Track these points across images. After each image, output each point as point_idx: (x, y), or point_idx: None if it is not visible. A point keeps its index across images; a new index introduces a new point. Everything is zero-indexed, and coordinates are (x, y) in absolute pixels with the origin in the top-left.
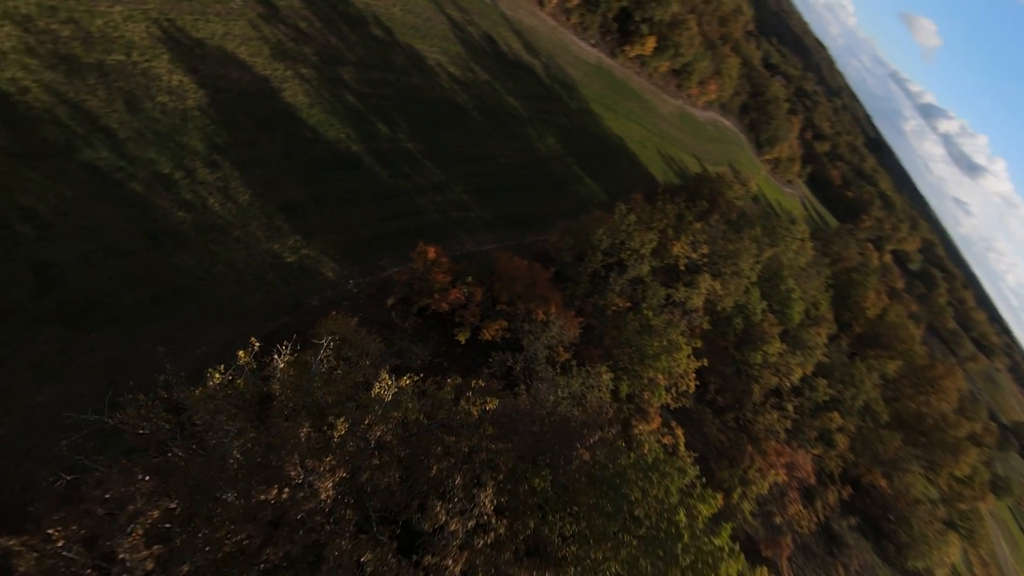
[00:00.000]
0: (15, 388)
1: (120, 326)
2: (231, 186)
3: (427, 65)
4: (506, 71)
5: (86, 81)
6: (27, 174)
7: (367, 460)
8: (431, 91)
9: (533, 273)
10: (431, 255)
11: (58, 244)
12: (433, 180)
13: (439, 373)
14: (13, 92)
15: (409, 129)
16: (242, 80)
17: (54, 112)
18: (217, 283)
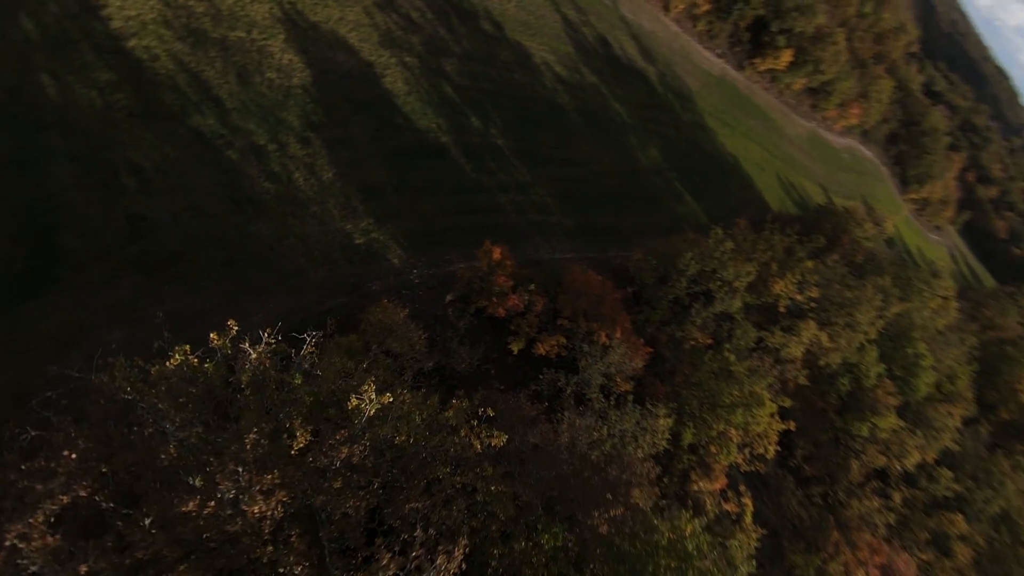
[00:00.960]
0: (90, 325)
1: (191, 283)
2: (317, 163)
3: (532, 63)
4: (616, 75)
5: (208, 53)
6: (142, 133)
7: (327, 482)
8: (531, 89)
9: (603, 291)
10: (496, 255)
11: (154, 199)
12: (518, 179)
13: (481, 381)
14: (145, 59)
15: (502, 125)
16: (347, 63)
17: (175, 79)
18: (286, 255)
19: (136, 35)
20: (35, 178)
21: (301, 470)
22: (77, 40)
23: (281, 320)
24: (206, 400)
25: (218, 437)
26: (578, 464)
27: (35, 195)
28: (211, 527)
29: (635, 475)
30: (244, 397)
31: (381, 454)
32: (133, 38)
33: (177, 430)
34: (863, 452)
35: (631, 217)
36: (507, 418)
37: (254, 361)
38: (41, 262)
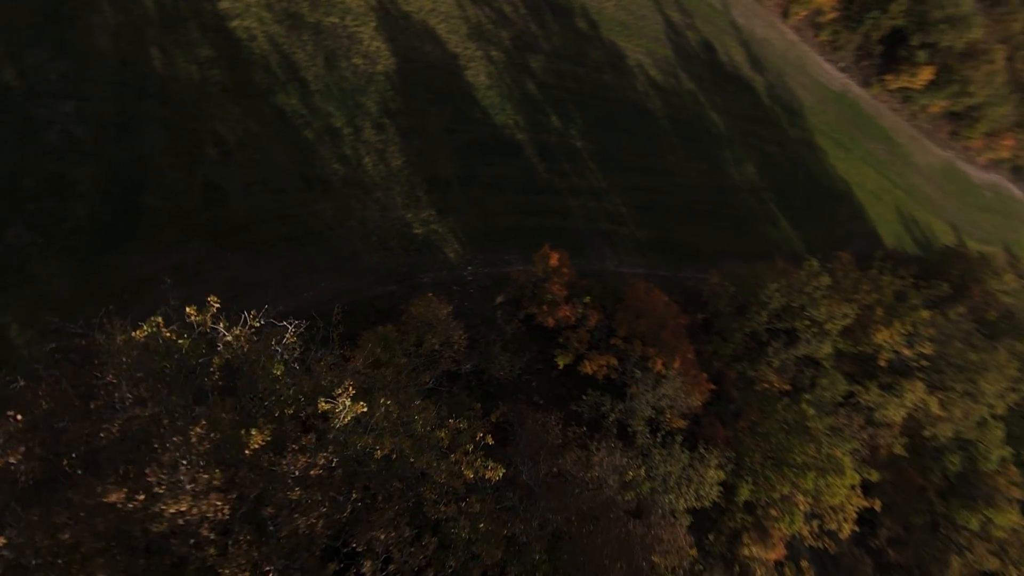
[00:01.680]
0: (155, 283)
1: (251, 253)
2: (389, 150)
3: (625, 64)
4: (717, 83)
5: (301, 36)
6: (230, 107)
7: (283, 491)
8: (620, 91)
9: (668, 313)
10: (553, 261)
11: (231, 170)
12: (592, 184)
13: (521, 391)
14: (244, 38)
15: (583, 127)
16: (432, 54)
17: (268, 59)
18: (344, 236)
19: (239, 16)
20: (131, 141)
21: (255, 472)
22: (187, 18)
23: (331, 300)
24: (177, 380)
25: (176, 422)
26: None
27: (128, 156)
28: (135, 523)
29: (660, 541)
30: (211, 381)
31: (359, 467)
32: (236, 19)
33: (130, 407)
34: (969, 549)
35: (714, 237)
36: (529, 441)
37: (232, 343)
38: (125, 218)
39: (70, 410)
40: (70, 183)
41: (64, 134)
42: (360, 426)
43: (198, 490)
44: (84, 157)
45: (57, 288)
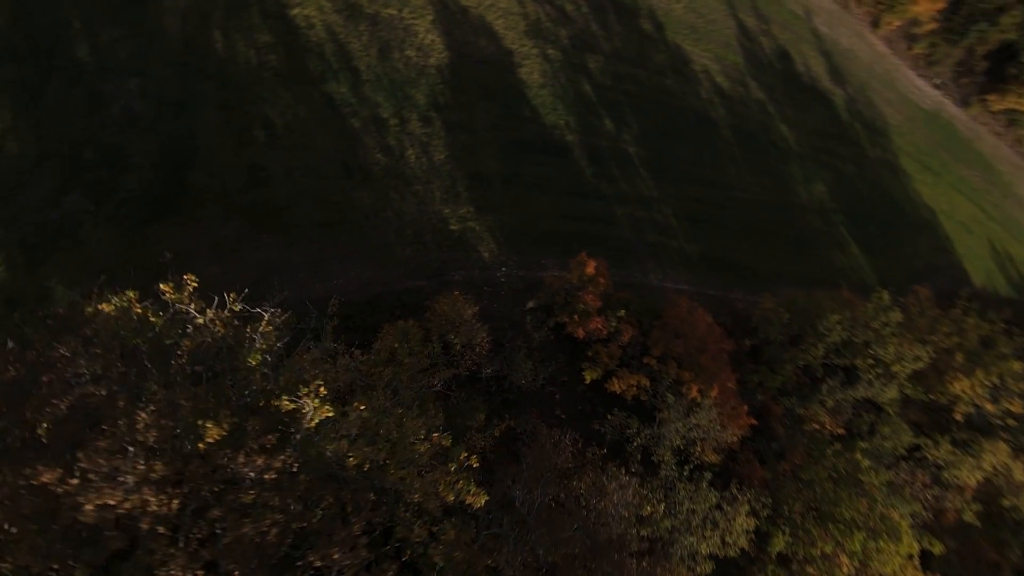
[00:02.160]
0: (193, 257)
1: (286, 236)
2: (433, 143)
3: (689, 69)
4: (791, 95)
5: (357, 27)
6: (282, 92)
7: (236, 494)
8: (682, 97)
9: (710, 336)
10: (589, 269)
11: (276, 153)
12: (642, 192)
13: (542, 402)
14: (303, 26)
15: (638, 132)
16: (486, 49)
17: (323, 47)
18: (379, 227)
19: (300, 4)
20: (186, 119)
21: (208, 469)
22: (251, 4)
23: (359, 289)
24: (151, 360)
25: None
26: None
27: (181, 133)
28: (64, 510)
29: None
30: (178, 364)
31: (330, 474)
32: (297, 7)
33: (84, 384)
34: None
35: (772, 258)
36: (535, 461)
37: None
38: (171, 192)
39: (34, 381)
40: (126, 156)
41: (126, 109)
42: (332, 430)
43: (135, 482)
44: (141, 132)
45: (103, 254)
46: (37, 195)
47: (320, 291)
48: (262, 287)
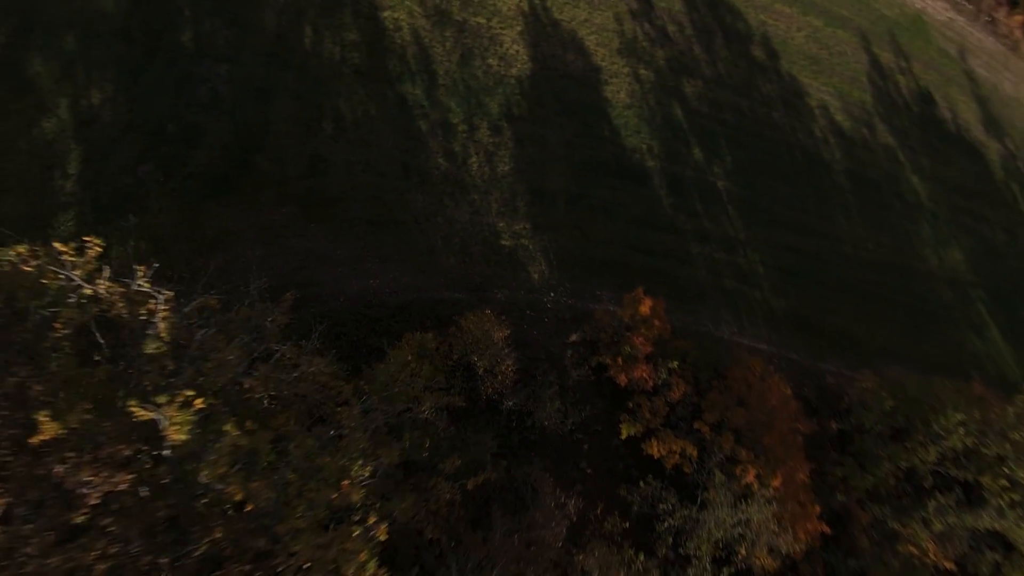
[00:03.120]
0: (242, 237)
1: (333, 228)
2: (499, 153)
3: (804, 103)
4: (929, 143)
5: (443, 32)
6: (357, 88)
7: (57, 509)
8: (790, 133)
9: (783, 410)
10: (644, 308)
11: (340, 146)
12: (727, 232)
13: (567, 451)
14: (390, 28)
15: (731, 166)
16: (573, 64)
17: (406, 49)
18: (427, 231)
19: (391, 7)
20: (263, 104)
21: (33, 472)
22: (345, 5)
23: (395, 292)
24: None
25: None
26: None
27: (256, 118)
28: None
29: None
30: (53, 339)
31: (203, 506)
32: (388, 10)
33: None
34: None
35: (881, 329)
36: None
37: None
38: (235, 172)
39: None
40: (202, 133)
41: (212, 91)
42: (205, 453)
43: None
44: (221, 114)
45: (161, 222)
46: (118, 161)
47: (355, 287)
48: (299, 274)
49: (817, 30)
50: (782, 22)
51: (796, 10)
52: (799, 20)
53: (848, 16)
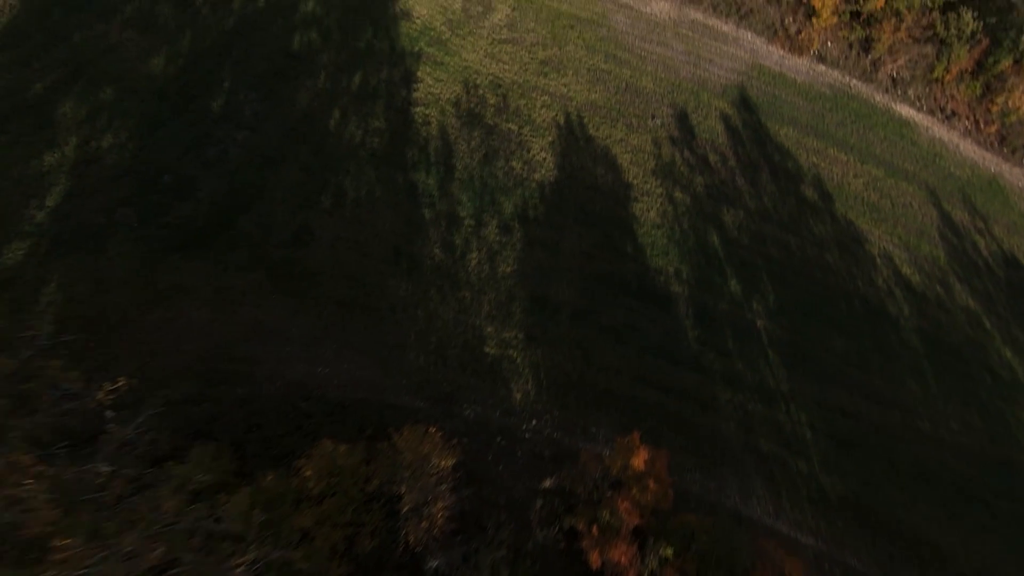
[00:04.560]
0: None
1: (298, 304)
2: (503, 253)
3: (862, 250)
4: (1022, 313)
5: (471, 132)
6: (368, 170)
7: None
8: (846, 278)
9: None
10: (639, 462)
11: (332, 221)
12: (766, 380)
13: None
14: (418, 121)
15: (774, 305)
16: (602, 177)
17: (429, 142)
18: (401, 323)
19: (425, 105)
20: (267, 171)
21: None
22: (380, 96)
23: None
24: None
25: None
26: None
27: (255, 181)
28: None
29: None
30: None
31: None
32: (422, 106)
33: None
34: None
35: (977, 540)
36: None
37: None
38: (213, 229)
39: None
40: (195, 188)
41: (222, 152)
42: None
43: None
44: (222, 173)
45: (114, 266)
46: (100, 202)
47: (299, 373)
48: (239, 347)
49: (877, 179)
50: (837, 167)
51: (853, 157)
52: (856, 167)
53: (912, 170)
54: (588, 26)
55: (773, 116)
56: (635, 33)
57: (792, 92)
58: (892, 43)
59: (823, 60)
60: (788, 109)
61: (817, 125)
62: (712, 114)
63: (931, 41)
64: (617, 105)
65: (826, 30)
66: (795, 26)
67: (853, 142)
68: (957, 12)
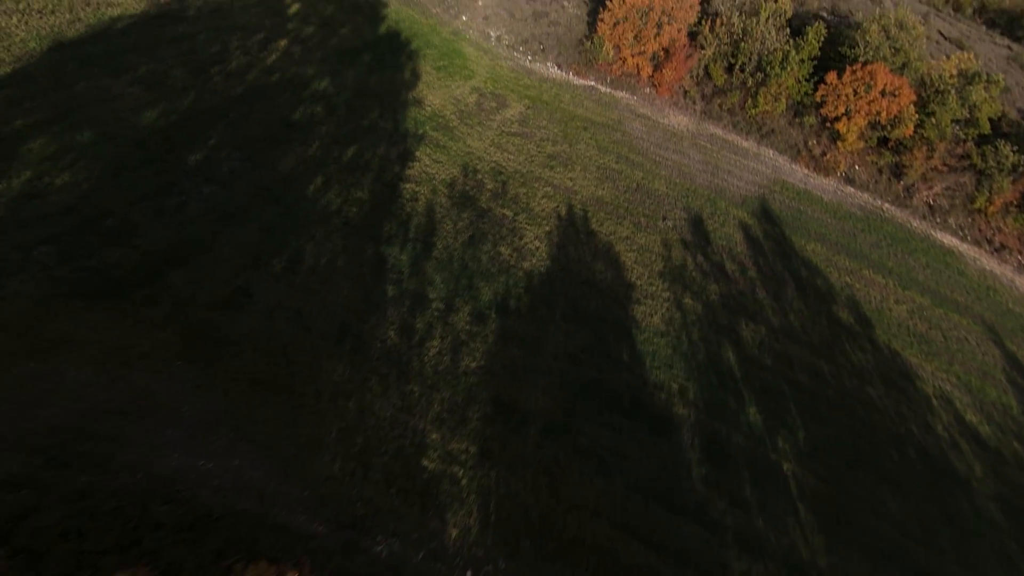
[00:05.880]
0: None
1: (203, 374)
2: (471, 344)
3: (913, 388)
4: None
5: (461, 213)
6: (336, 238)
7: None
8: (895, 420)
9: None
10: None
11: (278, 286)
12: (796, 549)
13: None
14: (406, 197)
15: (805, 445)
16: (600, 274)
17: (411, 219)
18: (323, 416)
19: (417, 182)
20: (223, 227)
21: None
22: (370, 170)
23: (221, 491)
24: None
25: None
26: None
27: (205, 237)
28: None
29: None
30: None
31: None
32: (412, 183)
33: None
34: None
35: None
36: None
37: None
38: (136, 279)
39: None
40: (135, 234)
41: (180, 204)
42: None
43: None
44: (171, 224)
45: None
46: (25, 237)
47: (174, 465)
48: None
49: (923, 308)
50: (874, 290)
51: (892, 281)
52: (897, 292)
53: (963, 302)
54: (602, 129)
55: (799, 230)
56: (651, 140)
57: (819, 209)
58: (925, 171)
59: (851, 182)
60: (815, 225)
61: (849, 244)
62: (730, 222)
63: (968, 170)
64: (625, 203)
65: (853, 154)
66: (820, 148)
67: (891, 266)
68: (994, 145)
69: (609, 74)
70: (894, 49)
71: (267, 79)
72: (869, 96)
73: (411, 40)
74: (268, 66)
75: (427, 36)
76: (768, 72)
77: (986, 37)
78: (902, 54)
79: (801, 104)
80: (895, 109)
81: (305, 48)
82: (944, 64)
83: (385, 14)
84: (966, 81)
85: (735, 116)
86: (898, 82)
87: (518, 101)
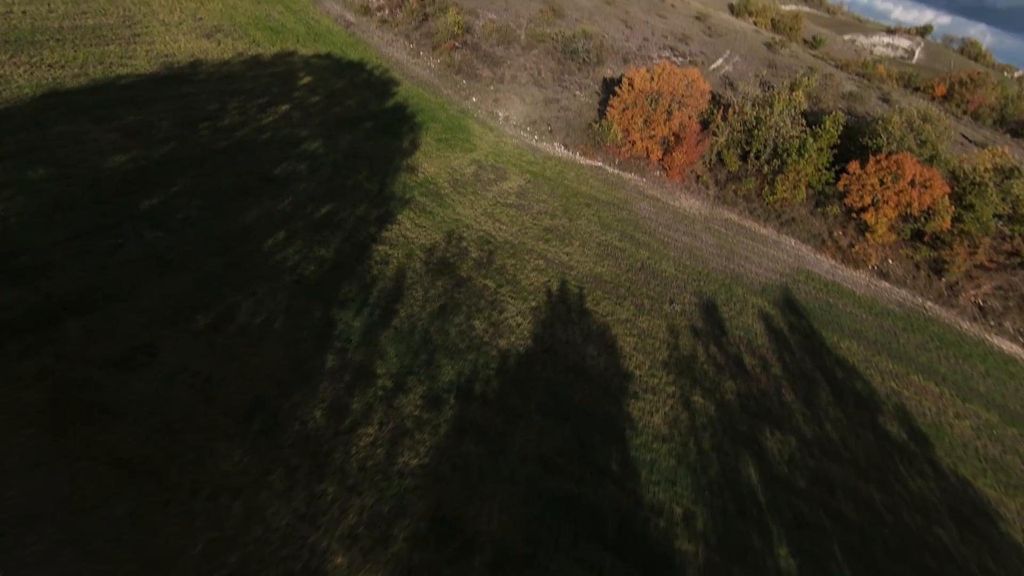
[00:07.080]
0: None
1: (58, 446)
2: (414, 437)
3: (997, 532)
4: None
5: (436, 281)
6: (281, 295)
7: None
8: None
9: None
10: None
11: (192, 347)
12: None
13: None
14: (376, 260)
15: None
16: (592, 359)
17: (376, 283)
18: (194, 519)
19: (391, 245)
20: (152, 275)
21: None
22: (342, 228)
23: None
24: None
25: None
26: None
27: (126, 284)
28: None
29: None
30: None
31: None
32: (386, 245)
33: None
34: None
35: None
36: None
37: None
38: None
39: None
40: (46, 275)
41: (114, 247)
42: None
43: None
44: (92, 267)
45: None
46: None
47: None
48: None
49: (991, 426)
50: (928, 399)
51: (948, 391)
52: (957, 405)
53: None
54: (607, 207)
55: (829, 325)
56: (659, 220)
57: (851, 303)
58: (969, 268)
59: (885, 276)
60: (848, 320)
61: (890, 344)
62: (748, 310)
63: (1020, 268)
64: (627, 283)
65: (885, 247)
66: (847, 239)
67: (944, 372)
68: None
69: (617, 156)
70: (920, 141)
71: (256, 136)
72: (897, 186)
73: (416, 114)
74: (261, 126)
75: (433, 111)
76: (785, 159)
77: (1012, 142)
78: (929, 146)
79: (823, 193)
80: (928, 200)
81: (306, 114)
82: (976, 157)
83: (395, 91)
84: (1004, 175)
85: (751, 203)
86: (928, 173)
87: (519, 175)
